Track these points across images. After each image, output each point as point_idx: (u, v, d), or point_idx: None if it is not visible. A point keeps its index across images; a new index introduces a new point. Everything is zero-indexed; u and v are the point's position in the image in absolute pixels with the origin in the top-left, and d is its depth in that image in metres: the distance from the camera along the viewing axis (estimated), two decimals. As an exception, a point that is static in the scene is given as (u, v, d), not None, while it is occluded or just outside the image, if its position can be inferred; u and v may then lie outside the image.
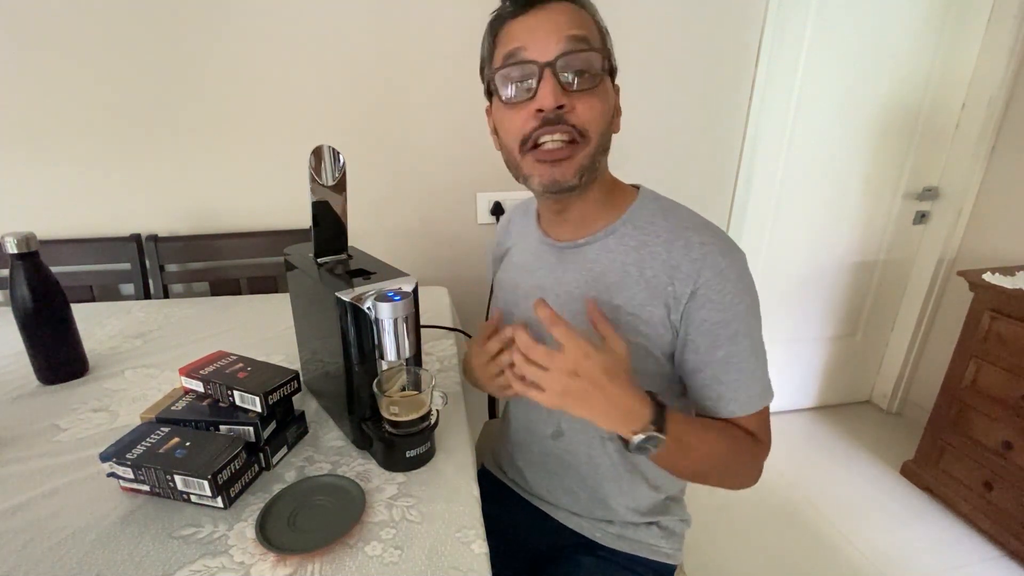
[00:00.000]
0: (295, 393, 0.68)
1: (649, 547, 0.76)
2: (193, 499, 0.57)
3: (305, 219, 0.83)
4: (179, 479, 0.55)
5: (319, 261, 0.70)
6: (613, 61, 0.63)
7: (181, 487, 0.56)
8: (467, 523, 0.56)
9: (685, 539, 0.80)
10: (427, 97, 1.35)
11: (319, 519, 0.55)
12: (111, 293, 1.36)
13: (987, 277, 1.39)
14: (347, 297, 0.59)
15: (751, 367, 0.62)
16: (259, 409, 0.62)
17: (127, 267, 1.32)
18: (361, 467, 0.65)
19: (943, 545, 1.44)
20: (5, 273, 0.91)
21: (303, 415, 0.71)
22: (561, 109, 0.57)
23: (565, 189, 0.61)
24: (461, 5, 1.28)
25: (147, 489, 0.58)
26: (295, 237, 1.34)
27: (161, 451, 0.57)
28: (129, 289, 1.36)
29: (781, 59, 1.50)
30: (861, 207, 1.78)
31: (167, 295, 1.35)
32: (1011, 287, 1.33)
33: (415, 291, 0.62)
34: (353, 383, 0.64)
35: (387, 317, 0.59)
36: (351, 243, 0.73)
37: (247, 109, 1.29)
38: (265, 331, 1.04)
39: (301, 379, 0.72)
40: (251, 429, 0.62)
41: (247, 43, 1.24)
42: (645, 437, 0.54)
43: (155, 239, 1.31)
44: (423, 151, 1.40)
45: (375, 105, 1.34)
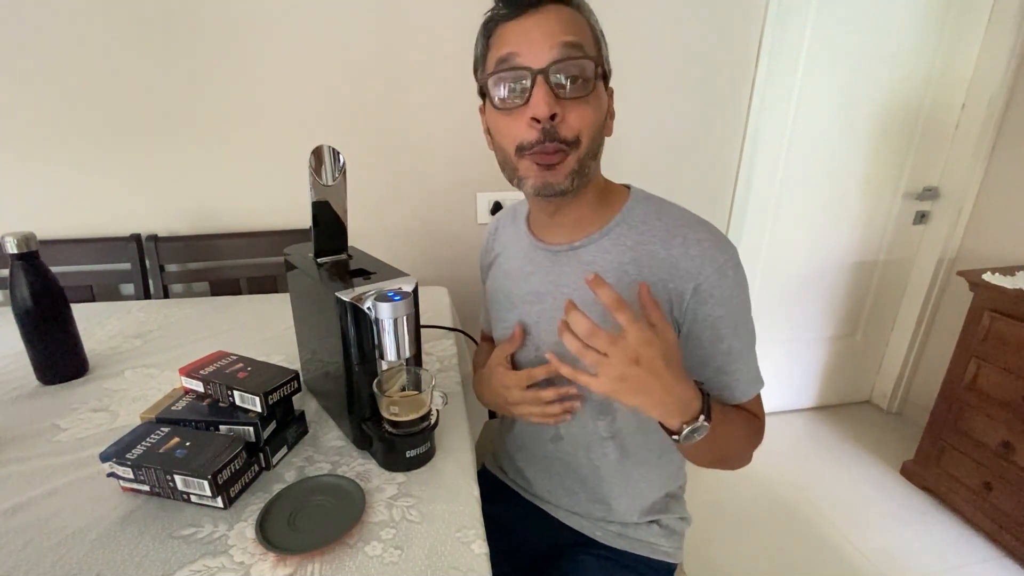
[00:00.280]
0: (295, 393, 0.68)
1: (649, 546, 0.76)
2: (193, 499, 0.57)
3: (305, 219, 0.84)
4: (179, 479, 0.55)
5: (319, 261, 0.70)
6: (607, 66, 0.63)
7: (181, 487, 0.56)
8: (467, 523, 0.56)
9: (685, 538, 0.81)
10: (427, 97, 1.35)
11: (319, 519, 0.55)
12: (111, 293, 1.36)
13: (987, 277, 1.39)
14: (347, 297, 0.59)
15: (748, 355, 0.66)
16: (259, 409, 0.62)
17: (127, 267, 1.32)
18: (361, 467, 0.65)
19: (943, 545, 1.44)
20: (5, 273, 0.91)
21: (303, 415, 0.71)
22: (554, 119, 0.57)
23: (557, 192, 0.61)
24: (461, 5, 1.28)
25: (147, 489, 0.58)
26: (295, 237, 1.34)
27: (161, 451, 0.57)
28: (129, 289, 1.36)
29: (781, 59, 1.50)
30: (861, 207, 1.78)
31: (167, 295, 1.35)
32: (1011, 287, 1.33)
33: (415, 291, 0.62)
34: (353, 383, 0.64)
35: (387, 317, 0.59)
36: (351, 243, 0.73)
37: (247, 109, 1.29)
38: (265, 331, 1.04)
39: (301, 379, 0.72)
40: (251, 429, 0.62)
41: (247, 43, 1.24)
42: (695, 427, 0.53)
43: (155, 239, 1.31)
44: (423, 151, 1.40)
45: (375, 105, 1.34)
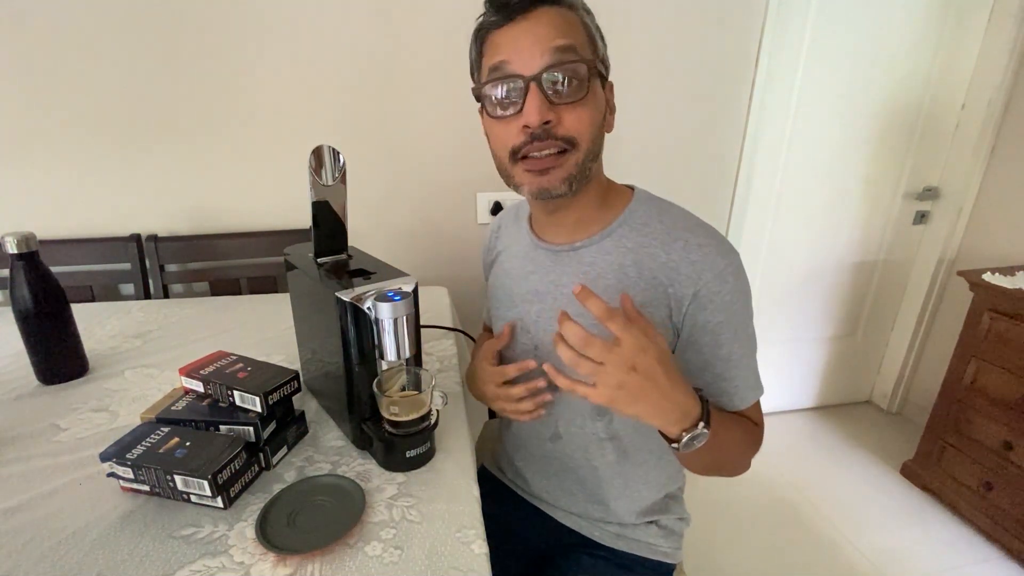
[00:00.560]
0: (295, 393, 0.68)
1: (648, 546, 0.76)
2: (193, 499, 0.57)
3: (305, 219, 0.83)
4: (179, 479, 0.55)
5: (319, 261, 0.70)
6: (605, 63, 0.62)
7: (181, 487, 0.56)
8: (467, 523, 0.56)
9: (684, 538, 0.81)
10: (427, 97, 1.35)
11: (319, 519, 0.55)
12: (111, 293, 1.36)
13: (987, 277, 1.39)
14: (347, 297, 0.59)
15: (748, 361, 0.65)
16: (259, 409, 0.62)
17: (127, 267, 1.32)
18: (361, 467, 0.65)
19: (943, 545, 1.44)
20: (5, 273, 0.91)
21: (303, 415, 0.71)
22: (548, 124, 0.57)
23: (555, 197, 0.61)
24: (461, 5, 1.28)
25: (147, 489, 0.58)
26: (295, 237, 1.34)
27: (161, 451, 0.57)
28: (129, 289, 1.36)
29: (781, 59, 1.50)
30: (861, 207, 1.78)
31: (167, 295, 1.35)
32: (1011, 287, 1.33)
33: (415, 291, 0.62)
34: (353, 383, 0.64)
35: (387, 317, 0.59)
36: (351, 243, 0.73)
37: (247, 109, 1.29)
38: (265, 331, 1.04)
39: (301, 379, 0.72)
40: (251, 429, 0.62)
41: (248, 43, 1.24)
42: (695, 435, 0.52)
43: (155, 239, 1.31)
44: (423, 151, 1.40)
45: (375, 105, 1.34)
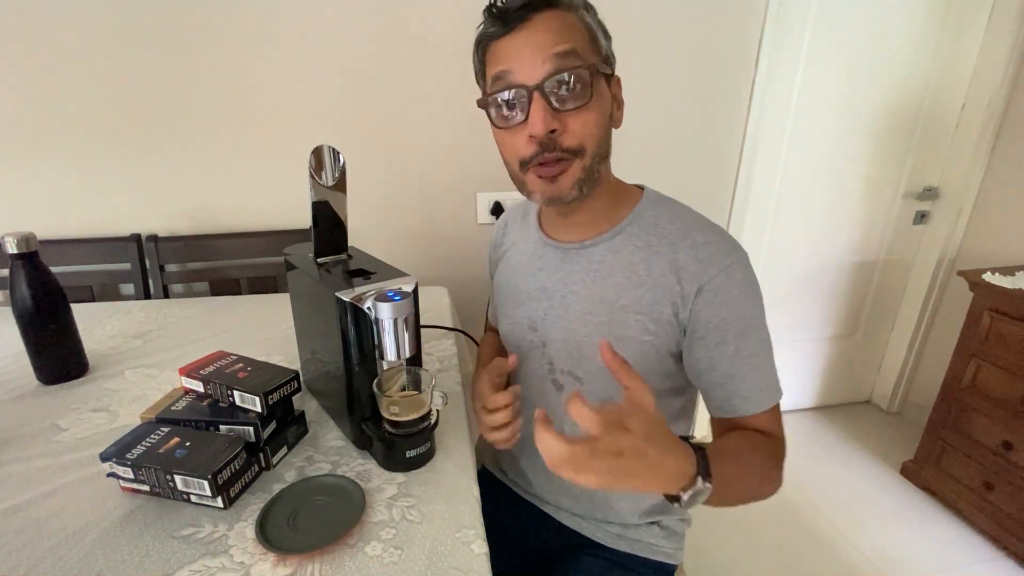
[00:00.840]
0: (295, 393, 0.68)
1: (650, 547, 0.76)
2: (193, 499, 0.57)
3: (305, 219, 0.83)
4: (179, 479, 0.55)
5: (319, 261, 0.70)
6: (610, 60, 0.62)
7: (181, 487, 0.56)
8: (467, 523, 0.56)
9: (685, 538, 0.81)
10: (427, 97, 1.35)
11: (319, 519, 0.55)
12: (111, 293, 1.36)
13: (987, 277, 1.39)
14: (347, 297, 0.59)
15: (760, 362, 0.64)
16: (259, 409, 0.62)
17: (127, 267, 1.32)
18: (361, 467, 0.65)
19: (943, 545, 1.44)
20: (5, 273, 0.91)
21: (303, 415, 0.71)
22: (554, 133, 0.57)
23: (566, 203, 0.62)
24: (461, 5, 1.28)
25: (147, 489, 0.58)
26: (295, 237, 1.34)
27: (161, 451, 0.57)
28: (129, 289, 1.36)
29: (781, 59, 1.50)
30: (861, 207, 1.78)
31: (167, 295, 1.34)
32: (1011, 287, 1.33)
33: (415, 291, 0.62)
34: (353, 383, 0.64)
35: (387, 317, 0.59)
36: (351, 243, 0.73)
37: (247, 109, 1.29)
38: (265, 331, 1.04)
39: (301, 379, 0.72)
40: (251, 429, 0.62)
41: (248, 43, 1.24)
42: (695, 491, 0.49)
43: (155, 239, 1.31)
44: (423, 151, 1.40)
45: (375, 105, 1.34)
